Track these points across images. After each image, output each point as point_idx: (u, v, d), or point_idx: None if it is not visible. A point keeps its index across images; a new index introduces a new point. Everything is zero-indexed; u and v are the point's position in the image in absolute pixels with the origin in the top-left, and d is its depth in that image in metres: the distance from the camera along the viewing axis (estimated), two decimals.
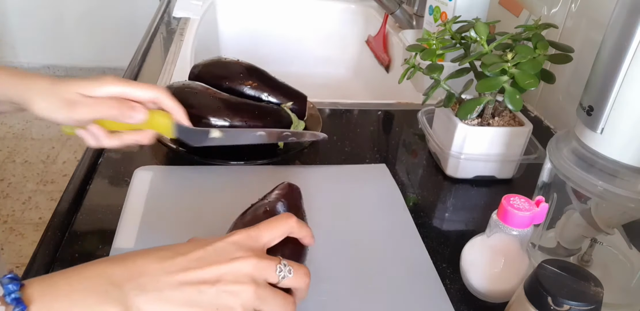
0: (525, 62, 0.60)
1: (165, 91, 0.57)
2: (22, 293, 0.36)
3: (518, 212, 0.48)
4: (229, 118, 0.68)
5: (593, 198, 0.53)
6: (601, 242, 0.57)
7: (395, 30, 1.20)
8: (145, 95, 0.55)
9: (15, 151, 2.33)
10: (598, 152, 0.49)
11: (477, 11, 0.94)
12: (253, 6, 1.40)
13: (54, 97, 0.53)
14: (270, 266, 0.41)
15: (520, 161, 0.72)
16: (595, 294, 0.42)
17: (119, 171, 0.70)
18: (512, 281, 0.52)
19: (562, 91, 0.86)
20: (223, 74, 0.75)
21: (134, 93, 0.55)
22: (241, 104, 0.70)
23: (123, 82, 0.55)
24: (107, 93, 0.54)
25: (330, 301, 0.52)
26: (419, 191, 0.72)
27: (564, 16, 0.84)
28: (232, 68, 0.76)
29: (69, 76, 2.93)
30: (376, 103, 0.95)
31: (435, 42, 0.70)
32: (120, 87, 0.54)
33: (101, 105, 0.54)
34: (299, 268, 0.43)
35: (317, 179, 0.71)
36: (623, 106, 0.46)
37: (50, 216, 0.61)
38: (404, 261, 0.58)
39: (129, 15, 2.73)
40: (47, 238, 0.58)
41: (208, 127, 0.58)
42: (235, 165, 0.71)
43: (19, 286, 0.36)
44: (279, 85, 0.76)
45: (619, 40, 0.45)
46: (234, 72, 0.75)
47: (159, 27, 1.20)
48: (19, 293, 0.35)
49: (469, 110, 0.66)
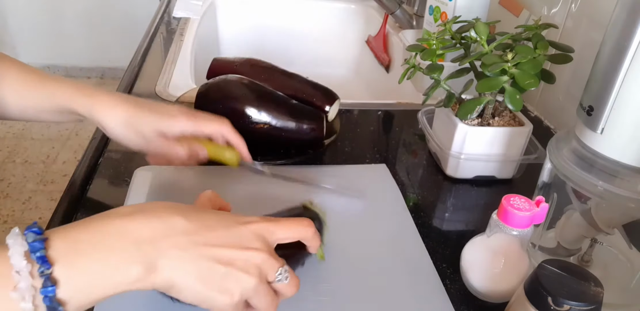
0: (526, 62, 0.60)
1: (229, 125, 0.63)
2: (47, 250, 0.36)
3: (518, 212, 0.48)
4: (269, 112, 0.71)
5: (593, 198, 0.53)
6: (601, 242, 0.57)
7: (395, 30, 1.20)
8: (212, 130, 0.62)
9: (15, 151, 2.33)
10: (598, 152, 0.49)
11: (477, 11, 0.94)
12: (253, 6, 1.40)
13: (132, 132, 0.59)
14: (274, 266, 0.43)
15: (520, 161, 0.72)
16: (595, 294, 0.42)
17: (119, 171, 0.70)
18: (512, 282, 0.52)
19: (562, 91, 0.86)
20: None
21: (202, 131, 0.62)
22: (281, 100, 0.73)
23: (192, 119, 0.61)
24: (180, 132, 0.61)
25: (330, 301, 0.52)
26: (419, 191, 0.72)
27: (564, 16, 0.84)
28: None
29: (69, 76, 2.94)
30: (376, 103, 0.95)
31: (435, 42, 0.70)
32: (191, 125, 0.61)
33: (173, 149, 0.61)
34: (294, 279, 0.45)
35: (318, 179, 0.71)
36: (623, 106, 0.46)
37: (50, 216, 0.61)
38: (404, 262, 0.58)
39: (129, 15, 2.73)
40: None
41: (260, 162, 0.66)
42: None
43: (43, 244, 0.36)
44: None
45: (619, 40, 0.45)
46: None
47: (159, 27, 1.20)
48: (43, 252, 0.36)
49: (469, 110, 0.66)
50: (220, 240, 0.41)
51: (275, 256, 0.43)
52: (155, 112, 0.60)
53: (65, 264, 0.36)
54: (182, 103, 0.78)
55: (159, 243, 0.39)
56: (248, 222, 0.43)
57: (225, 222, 0.42)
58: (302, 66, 1.39)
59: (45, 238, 0.37)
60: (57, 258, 0.36)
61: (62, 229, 0.38)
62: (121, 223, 0.39)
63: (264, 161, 0.72)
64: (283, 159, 0.73)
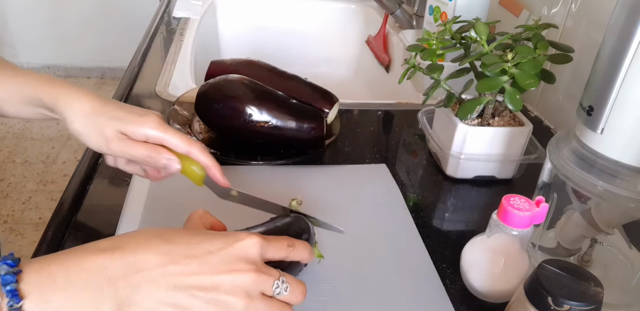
0: (526, 62, 0.60)
1: (200, 146, 0.55)
2: (19, 283, 0.35)
3: (518, 212, 0.48)
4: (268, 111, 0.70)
5: (593, 198, 0.53)
6: (601, 242, 0.57)
7: (395, 30, 1.20)
8: (181, 148, 0.54)
9: (15, 151, 2.33)
10: (598, 152, 0.49)
11: (477, 11, 0.94)
12: (253, 6, 1.40)
13: (92, 126, 0.52)
14: (267, 282, 0.42)
15: (520, 161, 0.72)
16: (595, 294, 0.42)
17: (119, 171, 0.69)
18: (512, 281, 0.52)
19: (562, 91, 0.86)
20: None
21: (169, 143, 0.54)
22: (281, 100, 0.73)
23: (162, 127, 0.53)
24: (144, 136, 0.53)
25: (330, 301, 0.52)
26: (419, 191, 0.72)
27: (564, 16, 0.84)
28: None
29: (69, 76, 2.94)
30: (376, 103, 0.95)
31: (435, 42, 0.70)
32: (157, 133, 0.53)
33: (136, 151, 0.53)
34: (297, 287, 0.43)
35: (318, 179, 0.71)
36: (623, 106, 0.46)
37: (50, 216, 0.61)
38: (405, 262, 0.58)
39: (129, 15, 2.73)
40: (47, 238, 0.58)
41: (230, 188, 0.58)
42: (235, 165, 0.71)
43: (15, 278, 0.35)
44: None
45: (619, 40, 0.45)
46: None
47: (159, 27, 1.20)
48: (14, 285, 0.35)
49: (469, 110, 0.66)
50: (199, 266, 0.40)
51: (266, 271, 0.42)
52: (122, 109, 0.54)
53: (36, 299, 0.35)
54: (182, 103, 0.78)
55: (132, 279, 0.38)
56: (236, 240, 0.42)
57: (210, 246, 0.41)
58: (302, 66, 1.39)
59: (19, 271, 0.36)
60: (29, 293, 0.35)
61: (37, 262, 0.38)
62: (97, 259, 0.38)
63: (264, 161, 0.72)
64: (283, 159, 0.73)
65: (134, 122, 0.53)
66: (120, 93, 0.89)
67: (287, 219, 0.53)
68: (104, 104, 0.53)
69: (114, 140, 0.52)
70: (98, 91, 2.85)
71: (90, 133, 0.53)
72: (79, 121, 0.52)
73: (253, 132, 0.71)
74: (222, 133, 0.76)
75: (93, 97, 0.54)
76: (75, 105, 0.53)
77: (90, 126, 0.52)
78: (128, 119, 0.53)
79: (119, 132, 0.52)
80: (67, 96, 0.53)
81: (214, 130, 0.76)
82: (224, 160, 0.71)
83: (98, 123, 0.52)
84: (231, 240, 0.42)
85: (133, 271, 0.38)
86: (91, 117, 0.52)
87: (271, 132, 0.71)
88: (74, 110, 0.53)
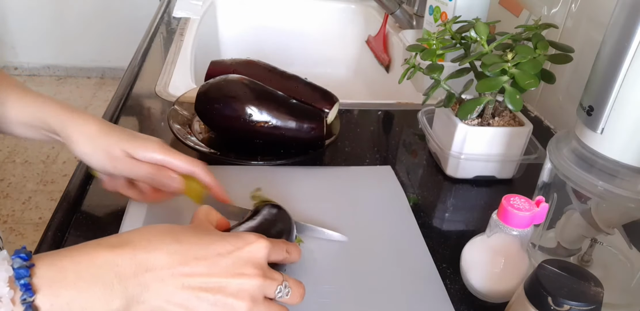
0: (526, 62, 0.60)
1: (203, 166, 0.59)
2: (31, 277, 0.36)
3: (518, 212, 0.48)
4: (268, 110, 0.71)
5: (593, 198, 0.53)
6: (601, 242, 0.57)
7: (395, 30, 1.20)
8: (184, 168, 0.58)
9: (15, 151, 2.33)
10: (598, 152, 0.49)
11: (477, 11, 0.94)
12: (253, 6, 1.40)
13: (99, 148, 0.56)
14: (271, 286, 0.43)
15: (520, 161, 0.72)
16: (595, 294, 0.42)
17: None
18: (512, 281, 0.52)
19: (562, 91, 0.86)
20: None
21: (173, 164, 0.57)
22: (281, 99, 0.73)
23: (166, 151, 0.57)
24: (149, 159, 0.57)
25: (331, 302, 0.52)
26: (419, 191, 0.72)
27: (564, 16, 0.84)
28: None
29: (69, 76, 2.94)
30: (376, 103, 0.95)
31: (435, 42, 0.70)
32: (162, 156, 0.57)
33: (140, 170, 0.57)
34: (297, 290, 0.45)
35: (322, 180, 0.71)
36: (623, 106, 0.46)
37: (50, 216, 0.61)
38: (406, 262, 0.58)
39: (129, 15, 2.73)
40: (47, 238, 0.58)
41: (230, 204, 0.60)
42: (235, 165, 0.71)
43: (29, 272, 0.36)
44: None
45: (619, 40, 0.45)
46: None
47: (159, 27, 1.20)
48: (28, 279, 0.36)
49: (469, 110, 0.66)
50: (209, 269, 0.41)
51: (271, 276, 0.43)
52: (127, 133, 0.57)
53: (48, 293, 0.36)
54: (182, 103, 0.78)
55: (142, 277, 0.39)
56: (245, 245, 0.43)
57: (219, 248, 0.42)
58: (302, 66, 1.39)
59: (31, 265, 0.37)
60: (41, 287, 0.36)
61: (49, 256, 0.38)
62: (108, 256, 0.39)
63: (264, 161, 0.72)
64: (283, 159, 0.73)
65: (140, 145, 0.57)
66: (120, 94, 0.89)
67: (270, 211, 0.54)
68: (109, 127, 0.57)
69: (120, 159, 0.56)
70: (98, 91, 2.86)
71: (96, 152, 0.56)
72: (84, 142, 0.56)
73: (253, 132, 0.71)
74: (222, 133, 0.76)
75: (99, 121, 0.57)
76: (83, 127, 0.56)
77: (96, 146, 0.56)
78: (134, 141, 0.56)
79: (124, 151, 0.56)
80: (74, 120, 0.56)
81: (214, 130, 0.76)
82: (224, 160, 0.71)
83: (105, 143, 0.56)
84: (241, 243, 0.43)
85: (143, 270, 0.39)
86: (97, 138, 0.56)
87: (271, 132, 0.71)
88: (80, 131, 0.56)
